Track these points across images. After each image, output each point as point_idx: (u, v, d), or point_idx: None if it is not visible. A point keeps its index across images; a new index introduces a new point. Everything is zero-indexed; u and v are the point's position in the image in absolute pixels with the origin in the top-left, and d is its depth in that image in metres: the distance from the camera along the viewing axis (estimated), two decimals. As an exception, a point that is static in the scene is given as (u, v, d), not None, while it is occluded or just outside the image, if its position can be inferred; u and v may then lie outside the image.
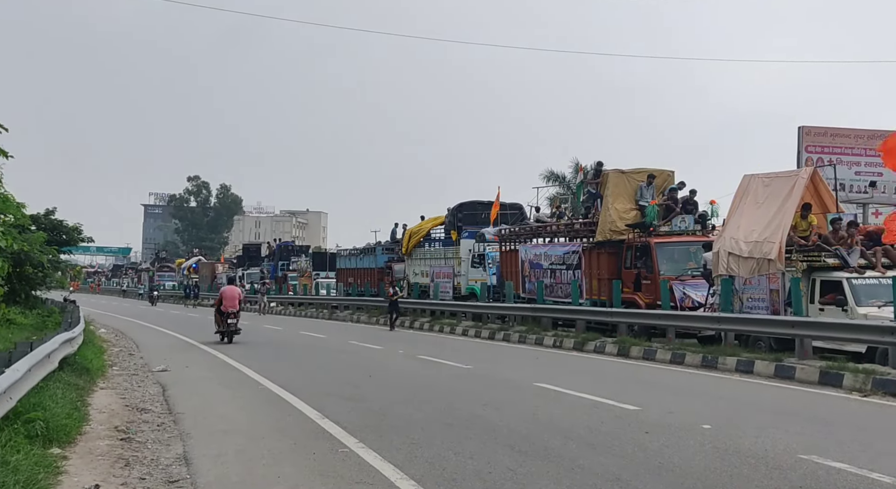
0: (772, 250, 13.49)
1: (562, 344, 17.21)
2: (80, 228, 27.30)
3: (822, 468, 5.93)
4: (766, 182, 14.86)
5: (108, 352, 15.69)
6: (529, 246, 22.97)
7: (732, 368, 12.44)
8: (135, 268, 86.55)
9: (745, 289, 14.34)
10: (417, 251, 30.95)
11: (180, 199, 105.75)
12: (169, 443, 7.11)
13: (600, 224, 18.85)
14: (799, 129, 25.16)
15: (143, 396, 9.97)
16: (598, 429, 7.45)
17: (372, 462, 6.17)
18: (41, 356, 8.07)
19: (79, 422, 7.60)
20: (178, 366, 13.63)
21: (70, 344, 11.17)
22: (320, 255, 46.46)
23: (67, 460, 6.25)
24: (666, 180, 19.61)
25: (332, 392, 10.13)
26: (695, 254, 17.57)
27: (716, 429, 7.42)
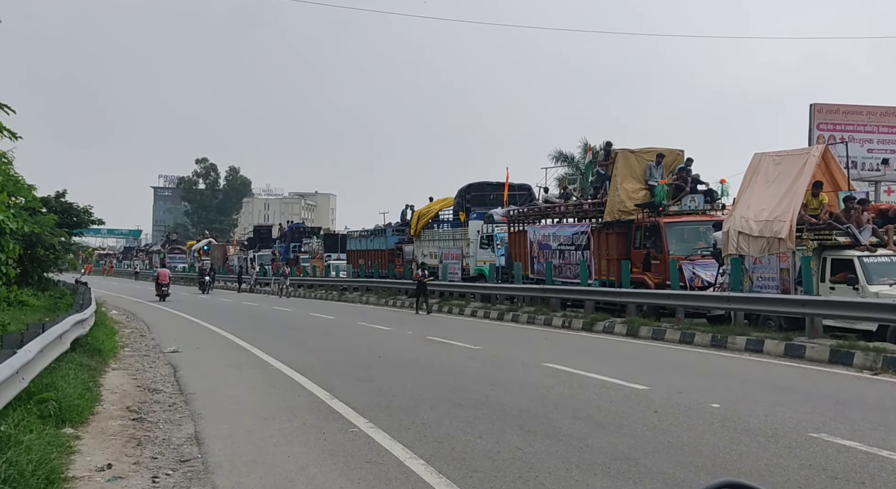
0: (782, 229, 13.40)
1: (571, 324, 17.21)
2: (90, 211, 27.40)
3: (832, 446, 5.91)
4: (777, 160, 14.72)
5: (119, 333, 15.81)
6: (538, 227, 22.91)
7: (742, 347, 12.41)
8: (145, 251, 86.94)
9: (755, 269, 14.27)
10: (426, 232, 30.94)
11: (189, 181, 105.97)
12: (180, 423, 7.17)
13: (609, 204, 18.75)
14: (811, 107, 24.88)
15: (154, 377, 10.05)
16: (606, 409, 7.46)
17: (381, 441, 6.20)
18: (53, 337, 8.13)
19: (91, 402, 7.67)
20: (189, 347, 13.73)
21: (82, 325, 11.24)
22: (332, 237, 46.45)
23: (80, 440, 6.31)
24: (675, 159, 19.46)
25: (342, 373, 10.18)
26: (704, 234, 17.48)
27: (725, 408, 7.41)
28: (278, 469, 5.50)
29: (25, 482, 4.45)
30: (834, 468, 5.34)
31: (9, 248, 9.80)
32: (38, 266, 21.16)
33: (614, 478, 5.11)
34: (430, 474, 5.24)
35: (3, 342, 6.97)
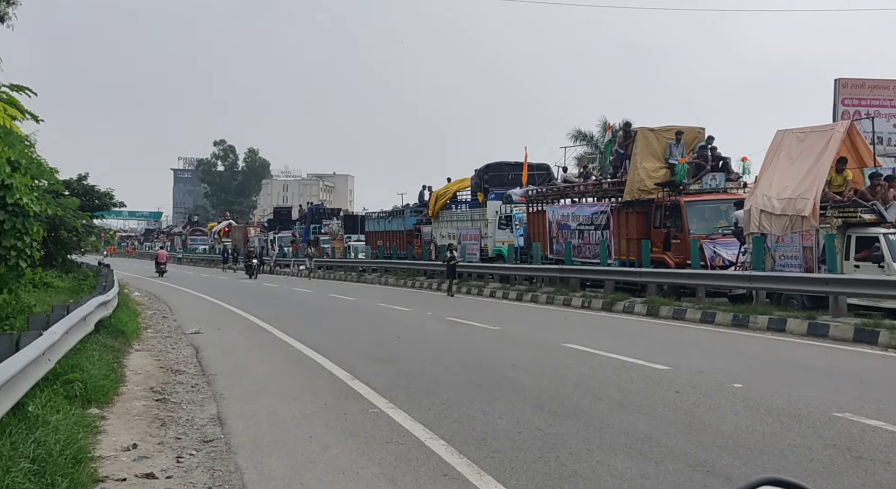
0: (805, 207, 13.20)
1: (590, 304, 17.15)
2: (111, 193, 27.63)
3: (857, 426, 5.85)
4: (801, 137, 14.47)
5: (142, 315, 16.00)
6: (557, 206, 22.78)
7: (764, 327, 12.30)
8: (166, 233, 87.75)
9: (778, 247, 14.10)
10: (444, 213, 30.89)
11: (208, 163, 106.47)
12: (203, 403, 7.25)
13: (629, 183, 18.59)
14: (835, 82, 24.42)
15: (177, 358, 10.16)
16: (627, 389, 7.43)
17: (402, 422, 6.23)
18: (77, 319, 8.23)
19: (115, 383, 7.78)
20: (211, 328, 13.86)
21: (105, 307, 11.38)
22: (351, 218, 46.50)
23: (105, 420, 6.41)
24: (696, 137, 19.21)
25: (362, 353, 10.23)
26: (725, 213, 17.29)
27: (747, 388, 7.36)
28: (300, 449, 5.55)
29: (54, 461, 4.53)
30: (859, 448, 5.29)
31: (33, 231, 9.89)
32: (61, 248, 21.41)
33: (635, 459, 5.10)
34: (451, 454, 5.26)
35: (30, 324, 7.07)
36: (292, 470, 5.06)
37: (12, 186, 9.50)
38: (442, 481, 4.75)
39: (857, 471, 4.83)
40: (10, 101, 7.34)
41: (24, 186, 9.85)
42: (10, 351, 5.31)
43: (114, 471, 4.99)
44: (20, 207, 9.61)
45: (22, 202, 9.58)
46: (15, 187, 9.53)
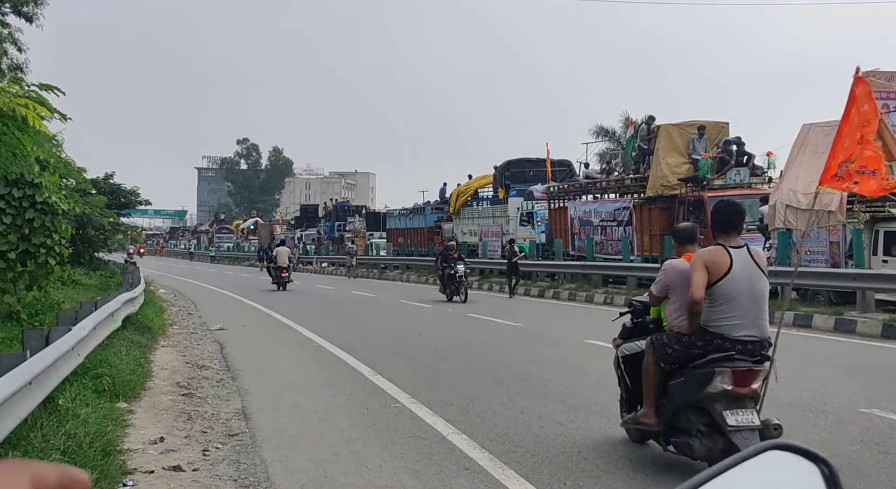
0: (832, 201, 12.99)
1: (612, 301, 17.06)
2: (137, 192, 27.99)
3: (885, 421, 5.78)
4: (827, 131, 14.22)
5: (167, 311, 16.21)
6: (579, 203, 22.69)
7: (790, 323, 12.14)
8: (192, 231, 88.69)
9: (804, 243, 13.93)
10: (465, 210, 30.91)
11: (231, 161, 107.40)
12: (228, 398, 7.34)
13: (651, 179, 18.46)
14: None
15: (202, 354, 10.29)
16: (650, 385, 7.39)
17: (424, 417, 6.26)
18: (105, 315, 8.37)
19: (143, 378, 7.90)
20: (235, 324, 14.01)
21: (132, 303, 11.55)
22: (374, 216, 46.70)
23: (133, 414, 6.51)
24: (720, 132, 19.03)
25: (384, 349, 10.28)
26: (750, 208, 17.09)
27: (772, 384, 7.27)
28: (323, 443, 5.61)
29: (84, 454, 4.62)
30: (886, 443, 5.23)
31: (61, 229, 10.07)
32: (89, 246, 21.76)
33: (658, 454, 5.08)
34: (473, 449, 5.28)
35: (59, 319, 7.22)
36: (316, 463, 5.12)
37: (41, 185, 9.68)
38: (464, 475, 4.78)
39: (885, 467, 4.78)
40: (39, 100, 7.48)
41: (52, 185, 10.04)
42: (41, 345, 5.42)
43: (142, 464, 5.07)
44: (49, 206, 9.79)
45: (51, 200, 9.76)
46: (44, 186, 9.71)
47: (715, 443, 4.48)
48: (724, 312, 4.56)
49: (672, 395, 4.76)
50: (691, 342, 4.64)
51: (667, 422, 4.80)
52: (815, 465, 0.97)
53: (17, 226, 9.65)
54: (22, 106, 7.18)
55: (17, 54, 25.63)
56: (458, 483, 4.61)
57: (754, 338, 4.62)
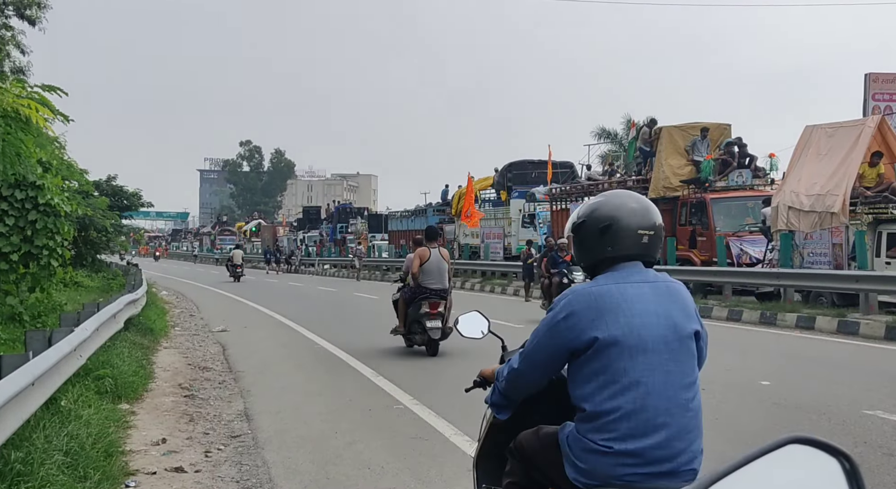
0: (835, 203, 13.01)
1: (615, 302, 17.03)
2: (139, 194, 28.03)
3: (888, 423, 5.77)
4: (830, 133, 14.26)
5: (169, 313, 16.21)
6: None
7: (792, 325, 12.14)
8: (194, 233, 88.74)
9: (806, 244, 13.91)
10: (467, 212, 30.87)
11: (234, 163, 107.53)
12: (230, 399, 7.33)
13: (653, 181, 18.46)
14: (865, 77, 23.94)
15: (204, 355, 10.29)
16: (652, 386, 7.38)
17: (426, 418, 6.26)
18: (107, 316, 8.37)
19: (145, 379, 7.90)
20: (237, 326, 14.00)
21: (134, 305, 11.56)
22: (376, 218, 46.71)
23: (135, 415, 6.51)
24: (722, 134, 19.02)
25: (387, 351, 10.27)
26: (752, 210, 17.09)
27: (775, 386, 7.28)
28: (326, 445, 5.60)
29: (86, 455, 4.61)
30: (890, 445, 5.21)
31: (64, 230, 10.07)
32: (91, 248, 21.78)
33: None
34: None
35: (62, 321, 7.22)
36: (318, 465, 5.11)
37: (44, 187, 9.68)
38: (468, 477, 4.74)
39: (889, 469, 4.76)
40: (41, 101, 7.48)
41: (55, 187, 10.05)
42: (43, 347, 5.42)
43: (144, 465, 5.07)
44: (51, 207, 9.80)
45: (53, 202, 9.77)
46: (46, 188, 9.72)
47: (423, 337, 9.61)
48: (426, 276, 9.68)
49: (409, 315, 9.69)
50: (414, 290, 9.73)
51: (407, 329, 9.83)
52: (836, 459, 0.96)
53: (19, 227, 9.66)
54: (24, 107, 7.18)
55: (20, 57, 25.68)
56: (462, 485, 4.60)
57: (439, 287, 9.71)
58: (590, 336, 2.16)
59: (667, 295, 2.26)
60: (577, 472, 2.15)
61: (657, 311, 2.20)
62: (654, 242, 2.31)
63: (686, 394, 2.28)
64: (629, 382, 2.14)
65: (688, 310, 2.30)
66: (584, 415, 2.18)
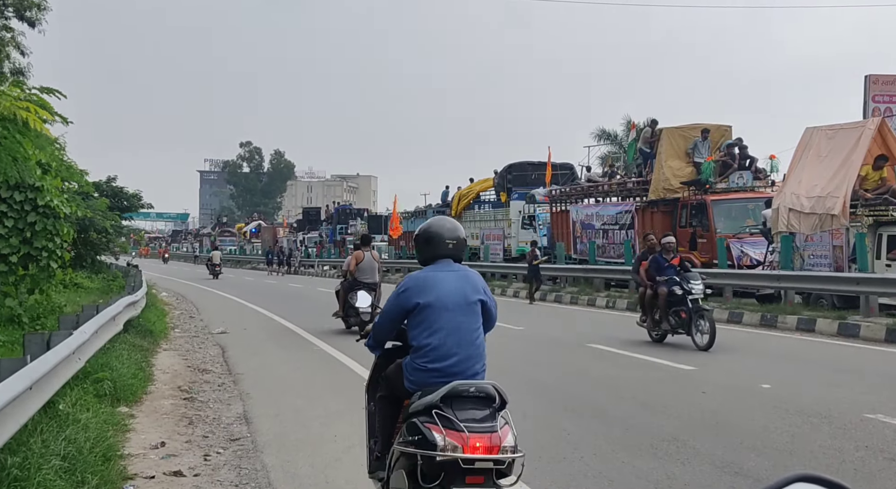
0: (835, 205, 12.99)
1: (615, 305, 17.04)
2: (139, 195, 28.00)
3: (889, 427, 5.75)
4: (830, 134, 14.24)
5: (169, 315, 16.20)
6: (581, 206, 22.67)
7: (793, 327, 12.13)
8: (194, 234, 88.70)
9: (807, 246, 13.89)
10: (467, 213, 30.91)
11: (234, 164, 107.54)
12: (230, 402, 7.32)
13: (654, 182, 18.45)
14: (865, 78, 23.94)
15: (204, 358, 10.27)
16: (652, 390, 7.37)
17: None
18: (107, 318, 8.35)
19: (144, 382, 7.88)
20: (237, 328, 13.99)
21: (134, 307, 11.54)
22: (376, 219, 46.69)
23: (134, 418, 6.49)
24: (723, 135, 19.02)
25: (386, 353, 10.25)
26: (753, 212, 17.08)
27: (776, 389, 7.26)
28: (325, 448, 5.58)
29: (84, 459, 4.59)
30: (891, 449, 5.19)
31: (63, 232, 10.06)
32: (91, 249, 21.76)
33: (661, 460, 5.05)
34: (476, 454, 5.24)
35: (61, 323, 7.19)
36: (317, 468, 5.09)
37: (43, 188, 9.66)
38: (466, 481, 4.74)
39: (890, 474, 4.74)
40: (40, 104, 7.48)
41: (54, 188, 10.03)
42: (42, 350, 5.41)
43: (143, 469, 5.05)
44: (51, 209, 9.78)
45: (52, 204, 9.75)
46: (46, 189, 9.70)
47: (356, 319, 11.67)
48: (361, 273, 12.11)
49: (347, 302, 12.12)
50: (351, 283, 12.10)
51: (345, 313, 12.45)
52: None
53: (18, 229, 9.64)
54: (23, 109, 7.17)
55: (20, 58, 25.68)
56: None
57: (371, 281, 11.97)
58: (415, 302, 3.56)
59: (463, 278, 3.65)
60: (409, 383, 3.57)
61: (455, 287, 3.59)
62: (459, 248, 3.72)
63: (472, 336, 3.61)
64: (437, 328, 3.52)
65: (476, 287, 3.67)
66: (413, 349, 3.58)
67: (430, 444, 3.25)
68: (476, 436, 3.22)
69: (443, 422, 3.27)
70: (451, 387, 3.33)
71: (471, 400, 3.38)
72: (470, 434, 3.22)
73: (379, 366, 4.04)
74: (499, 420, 3.37)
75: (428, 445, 3.25)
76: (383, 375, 3.90)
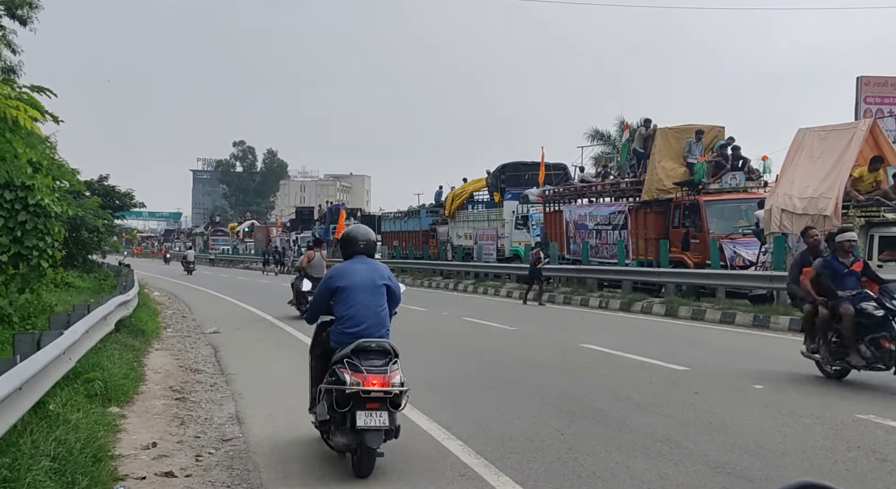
0: (827, 206, 13.05)
1: (608, 305, 17.06)
2: (132, 194, 27.86)
3: (881, 428, 5.77)
4: (822, 136, 14.30)
5: (161, 314, 16.12)
6: (574, 206, 22.69)
7: (785, 328, 12.16)
8: (186, 234, 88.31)
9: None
10: (461, 213, 30.89)
11: (227, 164, 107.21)
12: (222, 402, 7.28)
13: (647, 183, 18.47)
14: (857, 80, 24.09)
15: (196, 357, 10.22)
16: (646, 390, 7.37)
17: (419, 422, 6.22)
18: (98, 318, 8.30)
19: (135, 382, 7.84)
20: (229, 328, 13.93)
21: (125, 306, 11.48)
22: (369, 218, 46.58)
23: (125, 419, 6.45)
24: (716, 136, 19.05)
25: (379, 353, 10.24)
26: (745, 212, 17.12)
27: (768, 389, 7.28)
28: (318, 449, 5.55)
29: (74, 460, 4.56)
30: (883, 450, 5.21)
31: (54, 231, 9.98)
32: (82, 248, 21.60)
33: (654, 460, 5.05)
34: (468, 455, 5.24)
35: (51, 323, 7.14)
36: (310, 469, 5.07)
37: (34, 187, 9.58)
38: (459, 481, 4.74)
39: (882, 474, 4.76)
40: (31, 103, 7.42)
41: (45, 187, 9.95)
42: (32, 350, 5.36)
43: (133, 470, 5.02)
44: (42, 208, 9.69)
45: (43, 203, 9.66)
46: (36, 188, 9.62)
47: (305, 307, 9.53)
48: (312, 269, 14.03)
49: (299, 291, 14.06)
50: (303, 276, 12.95)
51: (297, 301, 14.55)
52: None
53: (9, 228, 9.55)
54: (13, 108, 7.11)
55: (11, 56, 25.50)
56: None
57: (319, 276, 10.30)
58: (337, 285, 5.04)
59: (372, 268, 5.11)
60: (334, 342, 4.98)
61: (365, 275, 5.04)
62: (369, 247, 5.23)
63: (378, 309, 5.05)
64: (352, 304, 4.97)
65: (382, 275, 5.12)
66: (337, 319, 5.05)
67: (341, 382, 4.66)
68: (373, 376, 4.68)
69: (351, 367, 4.71)
70: (357, 343, 4.81)
71: (373, 352, 4.81)
72: (369, 374, 4.68)
73: (317, 334, 5.39)
74: (391, 366, 4.79)
75: (340, 383, 4.67)
76: (319, 340, 5.29)
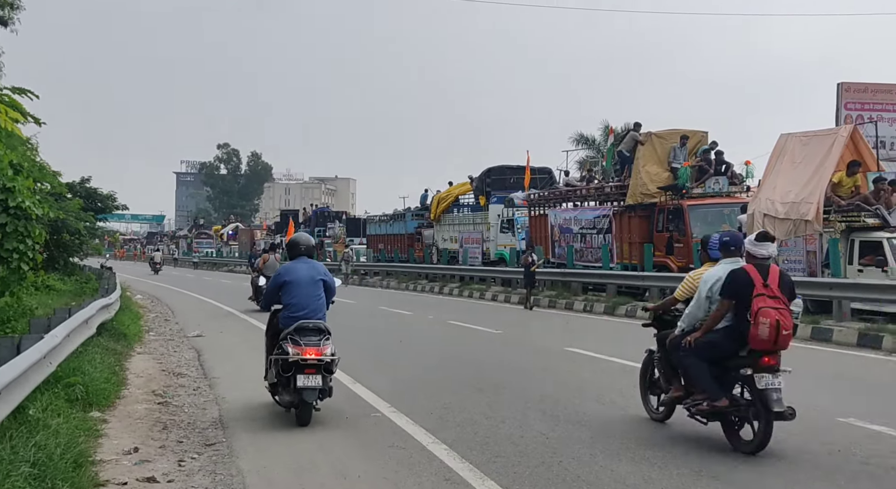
0: (809, 211, 13.18)
1: (592, 308, 17.12)
2: (114, 196, 27.57)
3: (862, 431, 5.83)
4: (804, 141, 14.45)
5: (144, 318, 15.99)
6: (559, 210, 22.76)
7: (767, 331, 12.25)
8: (170, 236, 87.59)
9: (781, 252, 14.06)
10: (446, 217, 30.88)
11: (211, 166, 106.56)
12: (205, 407, 7.23)
13: (631, 187, 18.58)
14: (838, 86, 24.36)
15: (178, 361, 10.15)
16: (631, 394, 7.38)
17: (404, 426, 6.21)
18: (79, 322, 8.22)
19: (117, 386, 7.76)
20: (213, 331, 13.84)
21: (107, 310, 11.37)
22: (354, 222, 46.46)
23: (107, 423, 6.39)
24: (699, 141, 19.19)
25: (364, 357, 10.21)
26: (728, 217, 17.24)
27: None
28: (302, 452, 5.54)
29: (54, 465, 4.51)
30: (864, 453, 5.26)
31: (35, 234, 9.87)
32: (63, 251, 21.35)
33: (639, 464, 5.08)
34: (453, 459, 5.24)
35: (31, 327, 7.06)
36: (294, 473, 5.05)
37: (14, 189, 9.47)
38: (445, 486, 4.73)
39: (862, 477, 4.80)
40: (11, 104, 7.34)
41: (26, 189, 9.84)
42: (12, 354, 5.30)
43: (115, 475, 4.97)
44: (22, 210, 9.58)
45: (24, 205, 9.56)
46: (17, 190, 9.51)
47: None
48: (266, 269, 17.62)
49: (258, 287, 17.64)
50: (259, 274, 17.93)
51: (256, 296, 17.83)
52: None
53: (-11, 230, 9.44)
54: (-6, 109, 7.03)
55: (-9, 57, 25.17)
56: (438, 494, 4.57)
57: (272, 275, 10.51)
58: (284, 279, 6.64)
59: (311, 267, 6.74)
60: (282, 324, 6.50)
61: (306, 272, 6.65)
62: (310, 250, 6.92)
63: (316, 298, 6.60)
64: (295, 294, 6.54)
65: (319, 271, 6.74)
66: (284, 306, 6.58)
67: (285, 353, 6.21)
68: (309, 348, 6.20)
69: (293, 342, 6.24)
70: (298, 323, 6.35)
71: (310, 331, 6.35)
72: (306, 346, 6.21)
73: (270, 319, 6.89)
74: (324, 341, 6.32)
75: (285, 354, 6.22)
76: (271, 323, 6.79)
